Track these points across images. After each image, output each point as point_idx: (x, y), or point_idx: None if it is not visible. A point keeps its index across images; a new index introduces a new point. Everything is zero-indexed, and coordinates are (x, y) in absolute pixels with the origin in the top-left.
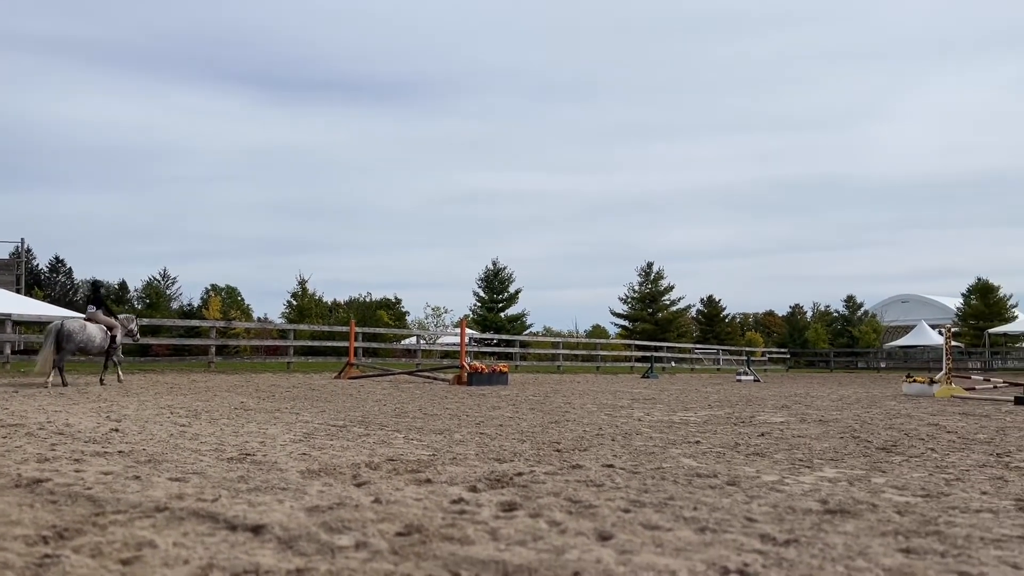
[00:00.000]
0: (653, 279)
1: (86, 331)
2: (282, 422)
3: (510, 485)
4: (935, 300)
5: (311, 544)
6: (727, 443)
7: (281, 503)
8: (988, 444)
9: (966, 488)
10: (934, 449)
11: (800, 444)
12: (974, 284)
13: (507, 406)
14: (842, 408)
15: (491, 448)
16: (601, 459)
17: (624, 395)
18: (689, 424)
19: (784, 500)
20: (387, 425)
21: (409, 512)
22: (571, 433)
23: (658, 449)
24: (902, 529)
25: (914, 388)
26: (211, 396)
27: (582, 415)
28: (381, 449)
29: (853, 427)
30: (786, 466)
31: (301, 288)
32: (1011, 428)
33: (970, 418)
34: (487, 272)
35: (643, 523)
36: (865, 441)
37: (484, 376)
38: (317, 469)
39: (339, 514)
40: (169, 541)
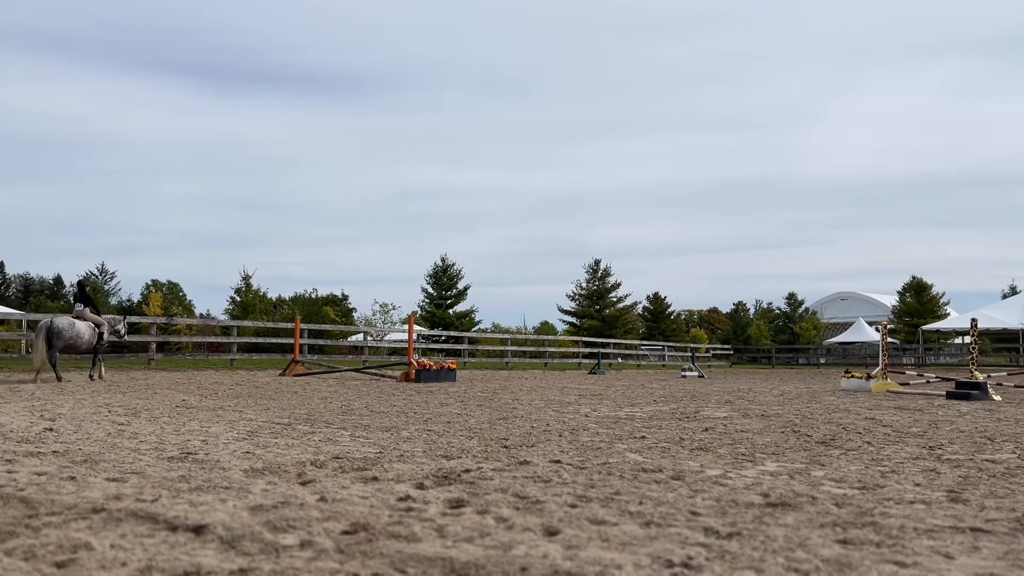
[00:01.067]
0: (600, 276)
1: (74, 328)
2: (225, 420)
3: (458, 482)
4: (872, 298)
5: (254, 544)
6: (672, 438)
7: (224, 502)
8: (921, 437)
9: (900, 480)
10: (870, 443)
11: (743, 439)
12: (909, 282)
13: (455, 403)
14: (783, 403)
15: (439, 445)
16: (548, 455)
17: (571, 391)
18: (635, 420)
19: (727, 494)
20: (333, 423)
21: (355, 510)
22: (519, 429)
23: (604, 445)
24: (840, 521)
25: (852, 383)
26: (151, 394)
27: (530, 411)
28: (327, 447)
29: (794, 422)
30: (729, 460)
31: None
32: (943, 422)
33: (904, 412)
34: (435, 268)
35: (589, 518)
36: (805, 435)
37: (432, 373)
38: (261, 468)
39: (283, 513)
40: (106, 543)
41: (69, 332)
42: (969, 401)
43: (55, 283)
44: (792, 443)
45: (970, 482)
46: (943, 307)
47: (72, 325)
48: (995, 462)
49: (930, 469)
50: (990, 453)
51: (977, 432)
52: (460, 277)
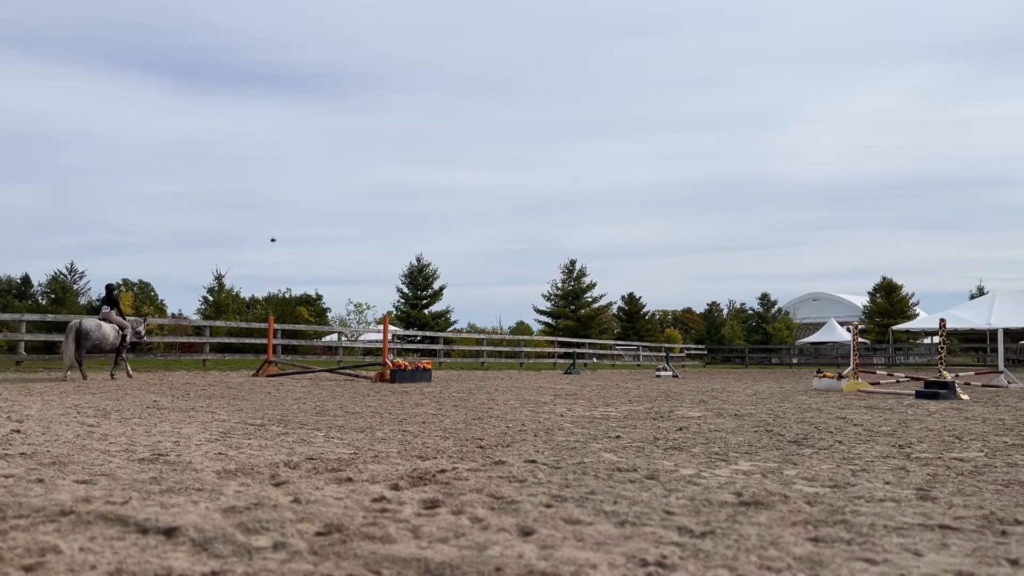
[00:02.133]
0: (576, 276)
1: (101, 330)
2: (197, 421)
3: (432, 482)
4: (844, 298)
5: (227, 546)
6: (646, 438)
7: (196, 504)
8: (891, 436)
9: (871, 479)
10: (842, 441)
11: (716, 438)
12: (879, 283)
13: (430, 403)
14: (756, 403)
15: (414, 446)
16: (524, 455)
17: (547, 391)
18: (610, 419)
19: (701, 493)
20: (307, 423)
21: (329, 511)
22: (494, 429)
23: (580, 444)
24: (812, 519)
25: (824, 383)
26: (122, 395)
27: (505, 411)
28: (300, 448)
29: (767, 421)
30: (703, 460)
31: (218, 283)
32: (912, 421)
33: (875, 411)
34: (411, 268)
35: (564, 518)
36: (778, 435)
37: (407, 373)
38: (234, 469)
39: (256, 514)
40: (75, 546)
41: (96, 333)
42: (938, 400)
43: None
44: (765, 442)
45: (939, 480)
46: (913, 307)
47: (99, 327)
48: (963, 460)
49: (900, 468)
50: (958, 452)
51: (945, 431)
52: (436, 277)
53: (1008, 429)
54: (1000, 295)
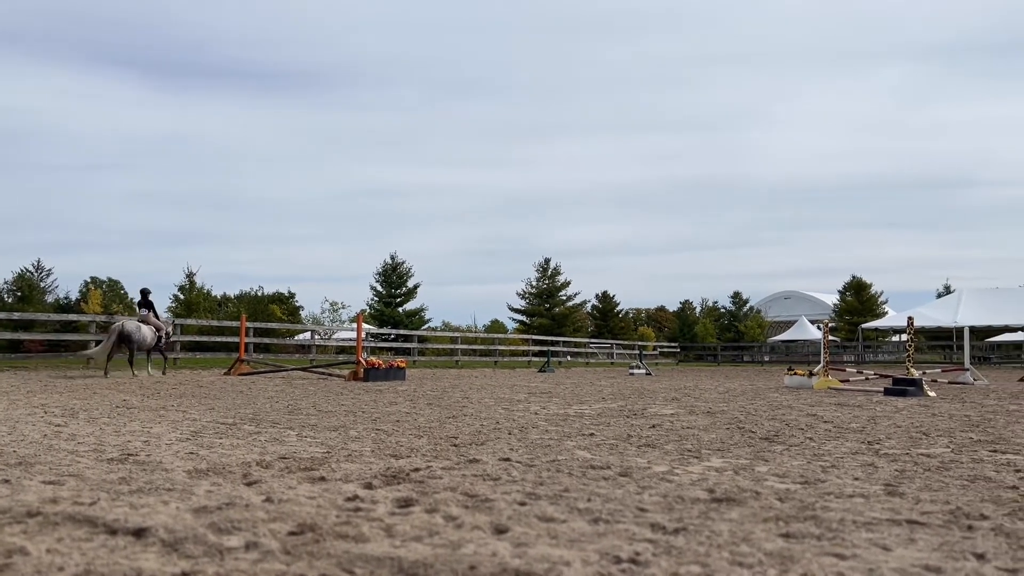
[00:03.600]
0: (550, 275)
1: (141, 331)
2: (168, 420)
3: (406, 481)
4: (815, 297)
5: (198, 546)
6: (620, 435)
7: (166, 504)
8: (860, 433)
9: (840, 475)
10: (812, 438)
11: (689, 435)
12: (849, 282)
13: (404, 402)
14: (728, 400)
15: (387, 444)
16: (498, 453)
17: (521, 389)
18: (584, 417)
19: (674, 490)
20: (279, 422)
21: (302, 511)
22: (468, 428)
23: (554, 442)
24: (783, 515)
25: (795, 380)
26: (90, 394)
27: (479, 409)
28: (273, 447)
29: (739, 418)
30: (676, 457)
31: (189, 282)
32: (881, 417)
33: (845, 408)
34: (385, 266)
35: (538, 515)
36: (749, 432)
37: (381, 372)
38: (205, 468)
39: (228, 514)
40: (42, 547)
41: (137, 335)
42: (905, 397)
43: None
44: (737, 439)
45: (906, 476)
46: (881, 306)
47: (139, 328)
48: (930, 456)
49: (868, 464)
50: (925, 448)
51: (913, 427)
52: (410, 275)
53: (974, 426)
54: (966, 294)
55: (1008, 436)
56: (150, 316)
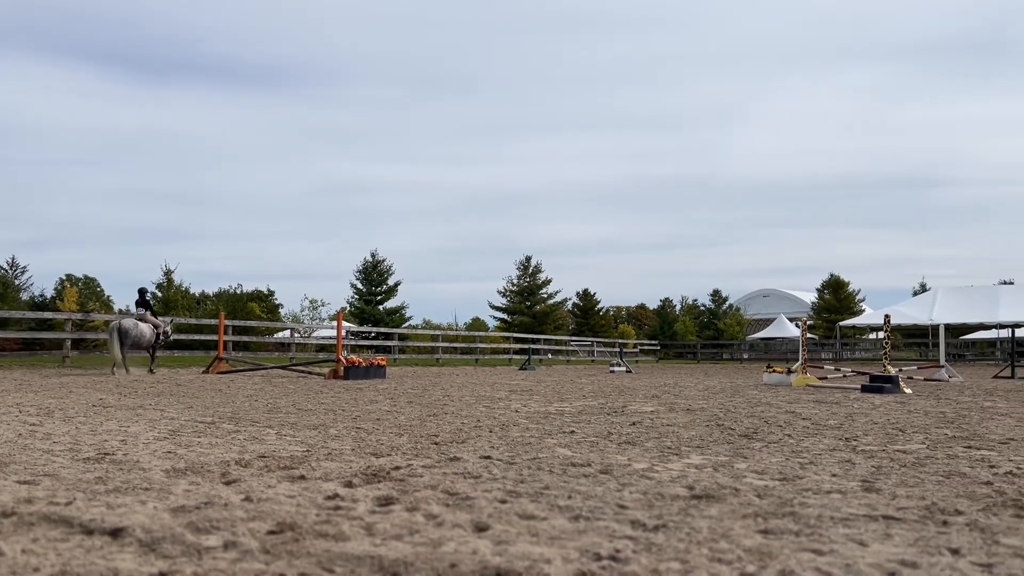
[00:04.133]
0: (531, 273)
1: (138, 328)
2: (145, 419)
3: (387, 479)
4: (793, 295)
5: (176, 546)
6: (600, 432)
7: (143, 504)
8: (838, 429)
9: (818, 471)
10: (790, 435)
11: (669, 432)
12: (827, 280)
13: (385, 400)
14: (708, 397)
15: (368, 443)
16: (479, 451)
17: (502, 387)
18: (564, 415)
19: (654, 487)
20: (259, 421)
21: (281, 510)
22: (449, 426)
23: (534, 440)
24: (761, 511)
25: (773, 378)
26: (66, 393)
27: (460, 407)
28: (252, 446)
29: (718, 415)
30: (656, 454)
31: (167, 279)
32: (858, 414)
33: (822, 405)
34: (365, 264)
35: (519, 513)
36: (729, 429)
37: (361, 370)
38: (183, 468)
39: (207, 514)
40: (17, 548)
41: (135, 332)
42: (882, 394)
43: None
44: (716, 436)
45: (883, 472)
46: (859, 304)
47: (136, 325)
48: (906, 452)
49: (846, 460)
50: (901, 444)
51: (889, 424)
52: (391, 273)
53: (949, 422)
54: (941, 292)
55: (982, 432)
56: (147, 315)
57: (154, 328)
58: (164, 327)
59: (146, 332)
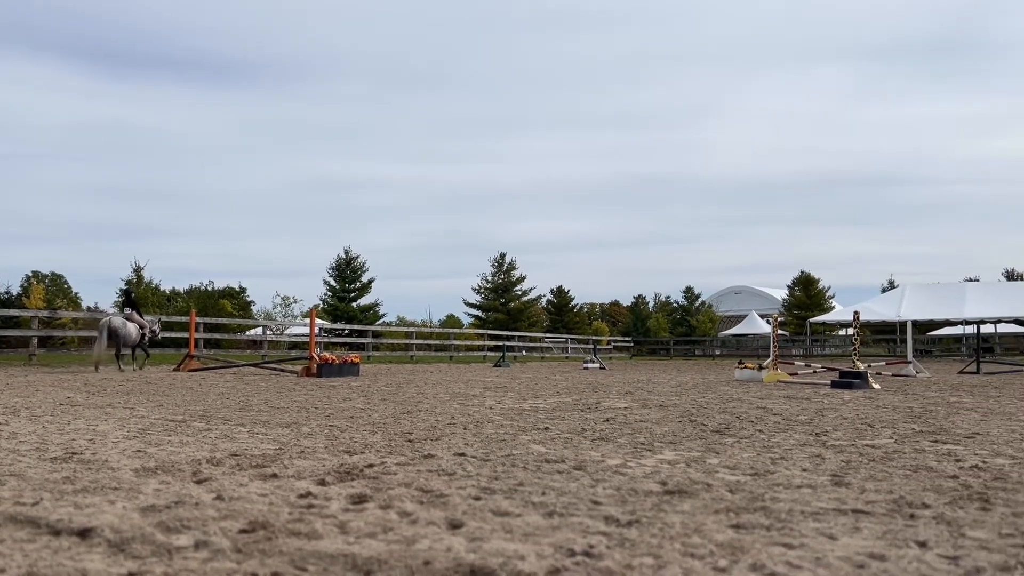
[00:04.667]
0: (506, 270)
1: (126, 327)
2: (114, 418)
3: (360, 477)
4: (765, 292)
5: (146, 546)
6: (574, 429)
7: (112, 504)
8: (808, 425)
9: (789, 466)
10: (762, 431)
11: (642, 428)
12: (798, 277)
13: (358, 397)
14: (681, 393)
15: (341, 440)
16: (453, 448)
17: (476, 384)
18: (538, 411)
19: (627, 483)
20: (230, 419)
21: (254, 508)
22: (423, 423)
23: (508, 436)
24: (733, 506)
25: (745, 374)
26: (32, 391)
27: (435, 405)
28: (224, 444)
29: (691, 411)
30: (629, 450)
31: (136, 276)
32: (828, 410)
33: (793, 401)
34: (339, 261)
35: (493, 510)
36: (701, 424)
37: (334, 367)
38: (153, 467)
39: (177, 513)
40: None
41: (123, 331)
42: (851, 390)
43: None
44: (689, 432)
45: (852, 466)
46: (829, 300)
47: (124, 324)
48: (874, 447)
49: (816, 455)
50: (870, 439)
51: (858, 419)
52: (364, 270)
53: (916, 417)
54: (909, 289)
55: (948, 427)
56: (134, 315)
57: (140, 328)
58: (151, 326)
59: (133, 332)
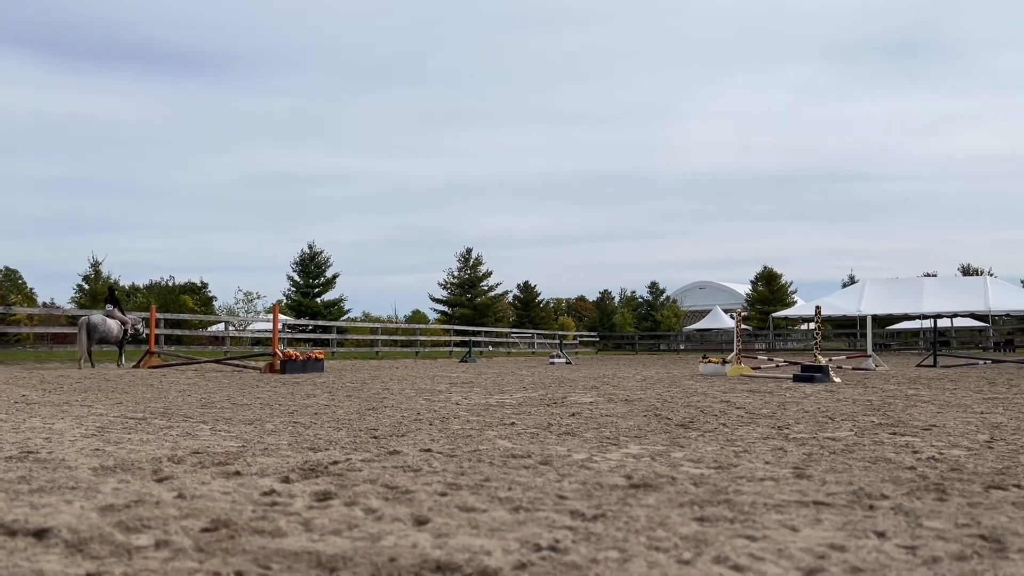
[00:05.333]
0: (472, 265)
1: (106, 324)
2: (71, 416)
3: (325, 474)
4: (728, 286)
5: (104, 546)
6: (540, 424)
7: (70, 504)
8: (771, 418)
9: (752, 459)
10: (725, 424)
11: (608, 423)
12: (761, 272)
13: (323, 394)
14: (646, 388)
15: (305, 437)
16: (419, 444)
17: (443, 380)
18: (505, 406)
19: (593, 477)
20: (192, 416)
21: (216, 506)
22: (389, 419)
23: (475, 432)
24: (697, 499)
25: (709, 368)
26: None
27: (400, 401)
28: (185, 442)
29: (655, 405)
30: (595, 444)
31: (94, 271)
32: (790, 403)
33: (756, 395)
34: (303, 256)
35: (459, 505)
36: (666, 418)
37: (298, 363)
38: (112, 465)
39: (137, 512)
40: None
41: (103, 327)
42: (813, 383)
43: None
44: (654, 426)
45: (813, 459)
46: (791, 295)
47: (104, 321)
48: (835, 439)
49: (778, 448)
50: (831, 431)
51: (820, 412)
52: (328, 265)
53: (875, 409)
54: (869, 284)
55: (906, 419)
56: (115, 311)
57: (121, 324)
58: (133, 324)
59: (113, 328)
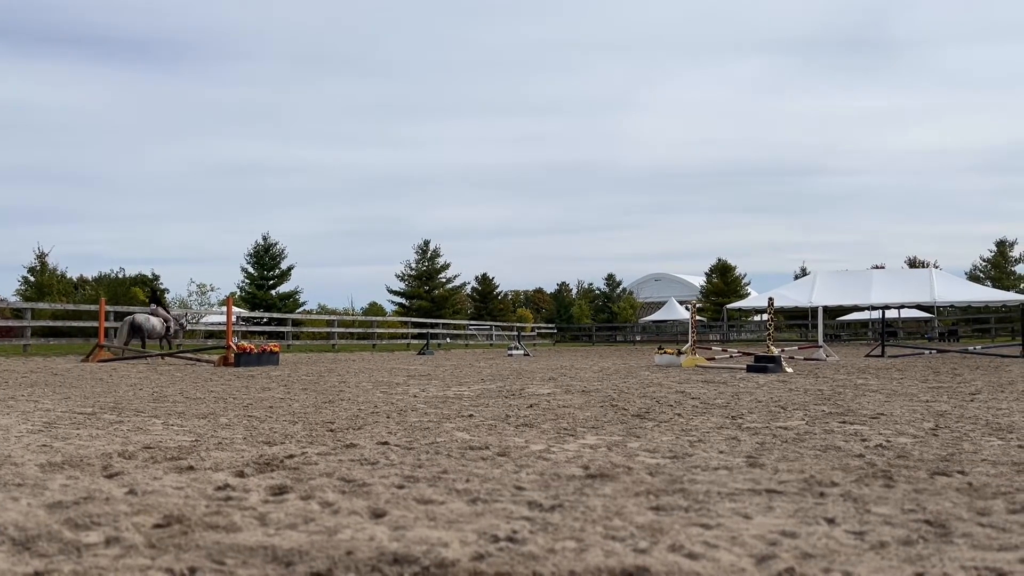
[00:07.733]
0: (430, 257)
1: (150, 322)
2: (17, 411)
3: (280, 468)
4: (683, 279)
5: (53, 544)
6: (498, 415)
7: (16, 501)
8: (725, 408)
9: (707, 448)
10: (680, 414)
11: (565, 414)
12: (715, 264)
13: (278, 387)
14: (602, 379)
15: (260, 431)
16: (376, 437)
17: (400, 372)
18: (463, 399)
19: (550, 468)
20: (144, 411)
21: (168, 502)
22: (345, 412)
23: (433, 424)
24: (653, 489)
25: (664, 359)
26: None
27: (357, 393)
28: (136, 437)
29: (612, 396)
30: (552, 435)
31: (40, 263)
32: (744, 393)
33: (711, 385)
34: (256, 248)
35: (417, 498)
36: (622, 409)
37: (253, 356)
38: (60, 461)
39: (87, 509)
40: None
41: (147, 325)
42: (766, 373)
43: None
44: (610, 417)
45: (766, 448)
46: (744, 287)
47: (148, 319)
48: (787, 429)
49: (732, 437)
50: (783, 421)
51: (772, 402)
52: (283, 257)
53: (826, 399)
54: (820, 276)
55: (856, 408)
56: (159, 310)
57: (164, 321)
58: (179, 320)
59: (157, 325)
